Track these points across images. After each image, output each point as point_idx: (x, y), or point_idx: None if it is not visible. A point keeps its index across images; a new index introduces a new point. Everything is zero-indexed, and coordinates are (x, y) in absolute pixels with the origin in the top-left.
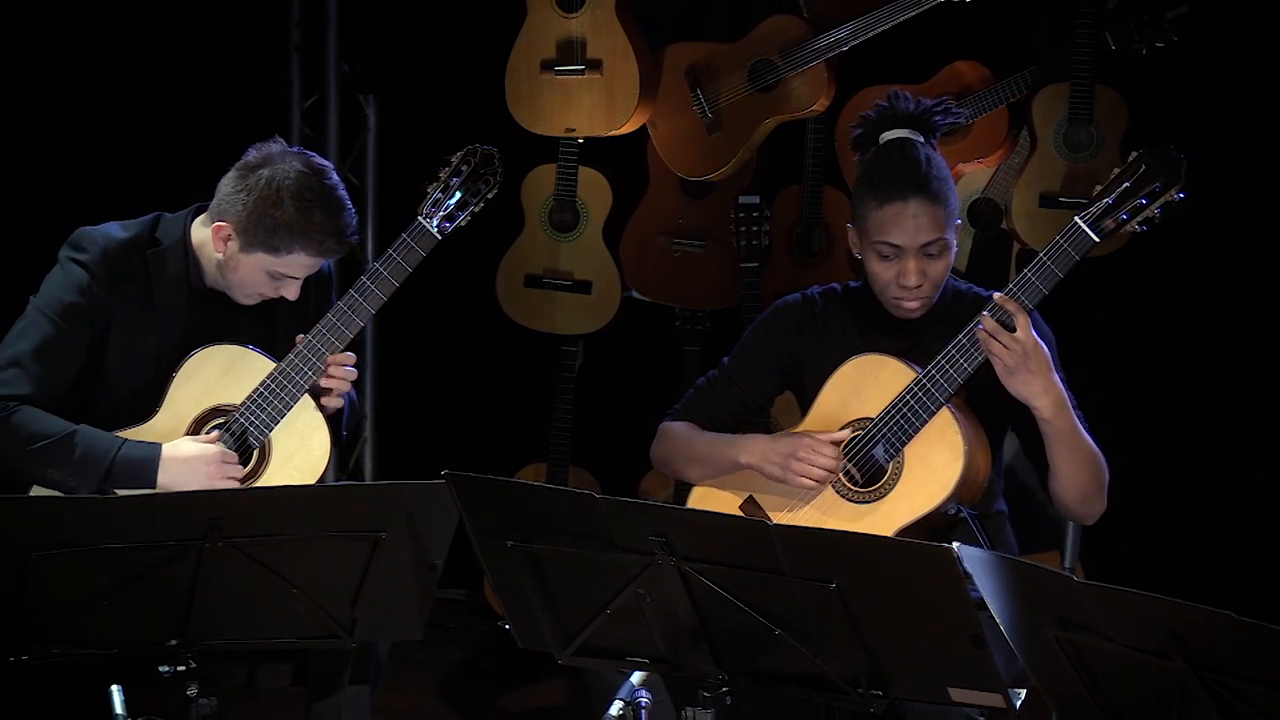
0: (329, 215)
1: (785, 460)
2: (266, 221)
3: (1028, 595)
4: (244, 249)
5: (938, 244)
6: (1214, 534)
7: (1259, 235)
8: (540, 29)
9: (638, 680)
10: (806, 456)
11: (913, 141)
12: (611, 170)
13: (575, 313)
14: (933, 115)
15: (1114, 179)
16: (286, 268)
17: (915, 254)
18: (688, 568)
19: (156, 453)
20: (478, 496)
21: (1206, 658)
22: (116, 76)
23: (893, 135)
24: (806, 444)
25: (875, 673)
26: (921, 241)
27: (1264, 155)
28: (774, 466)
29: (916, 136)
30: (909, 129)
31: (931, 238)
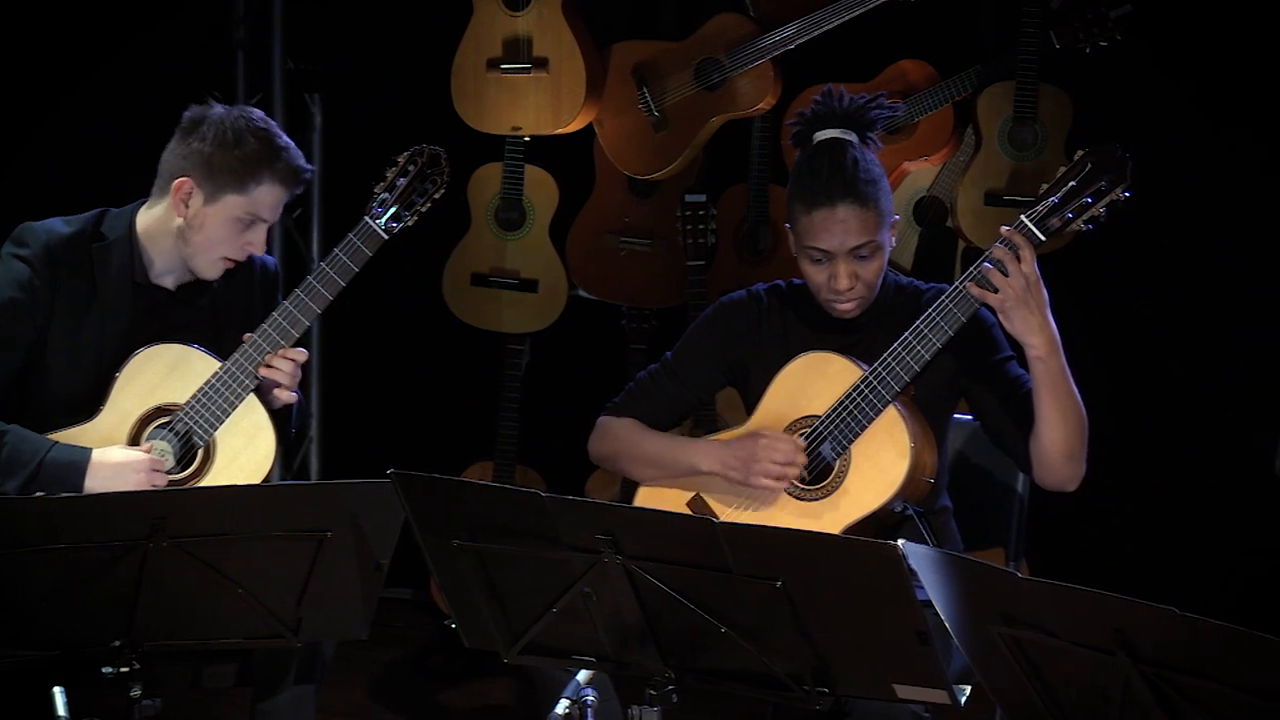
0: (287, 145)
1: (746, 464)
2: (232, 160)
3: (972, 592)
4: (210, 198)
5: (868, 246)
6: (1158, 530)
7: (1204, 233)
8: (486, 27)
9: (584, 679)
10: (766, 456)
11: (842, 143)
12: (558, 169)
13: (522, 311)
14: (868, 112)
15: (1060, 178)
16: (257, 206)
17: (845, 258)
18: (634, 566)
19: (85, 457)
20: (423, 495)
21: (1149, 653)
22: (61, 76)
23: (825, 135)
24: (763, 444)
25: (821, 670)
26: (850, 245)
27: (1209, 153)
28: (735, 473)
29: (849, 136)
30: (844, 127)
31: (860, 241)
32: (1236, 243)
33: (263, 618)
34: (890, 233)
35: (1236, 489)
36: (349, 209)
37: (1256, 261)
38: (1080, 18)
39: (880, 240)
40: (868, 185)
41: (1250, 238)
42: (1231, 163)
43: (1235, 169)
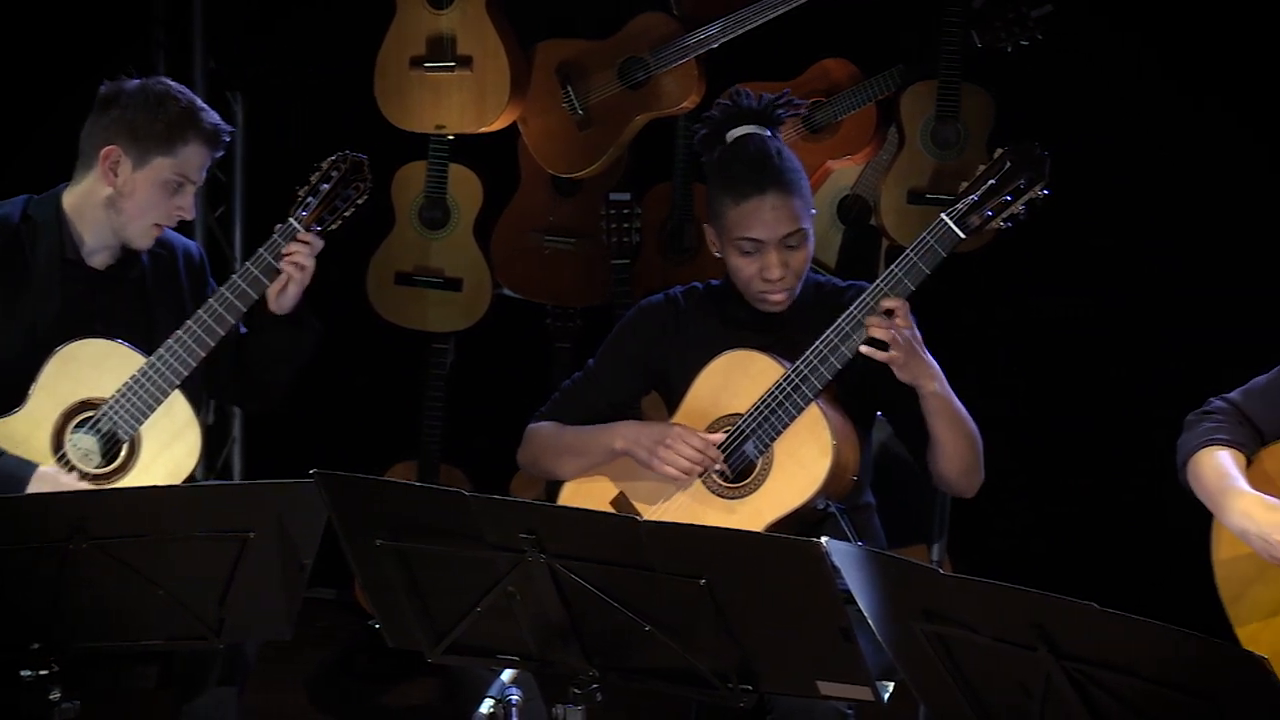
0: (206, 108)
1: (654, 446)
2: (158, 123)
3: (895, 588)
4: (138, 163)
5: (797, 235)
6: (1080, 527)
7: (1124, 232)
8: (410, 25)
9: (508, 678)
10: (674, 445)
11: (761, 136)
12: (482, 167)
13: (446, 310)
14: (775, 108)
15: (979, 176)
16: (185, 167)
17: (776, 246)
18: (558, 565)
19: (29, 473)
20: (346, 495)
21: (1070, 648)
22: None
23: (740, 132)
24: (677, 433)
25: (744, 667)
26: (782, 233)
27: (1129, 151)
28: (643, 450)
29: (763, 131)
30: (754, 124)
31: (791, 229)
32: (1158, 241)
33: (185, 619)
34: (812, 225)
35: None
36: (272, 207)
37: (1179, 260)
38: (1001, 17)
39: (807, 229)
40: (794, 174)
41: (1171, 236)
42: (1151, 161)
43: (1155, 167)
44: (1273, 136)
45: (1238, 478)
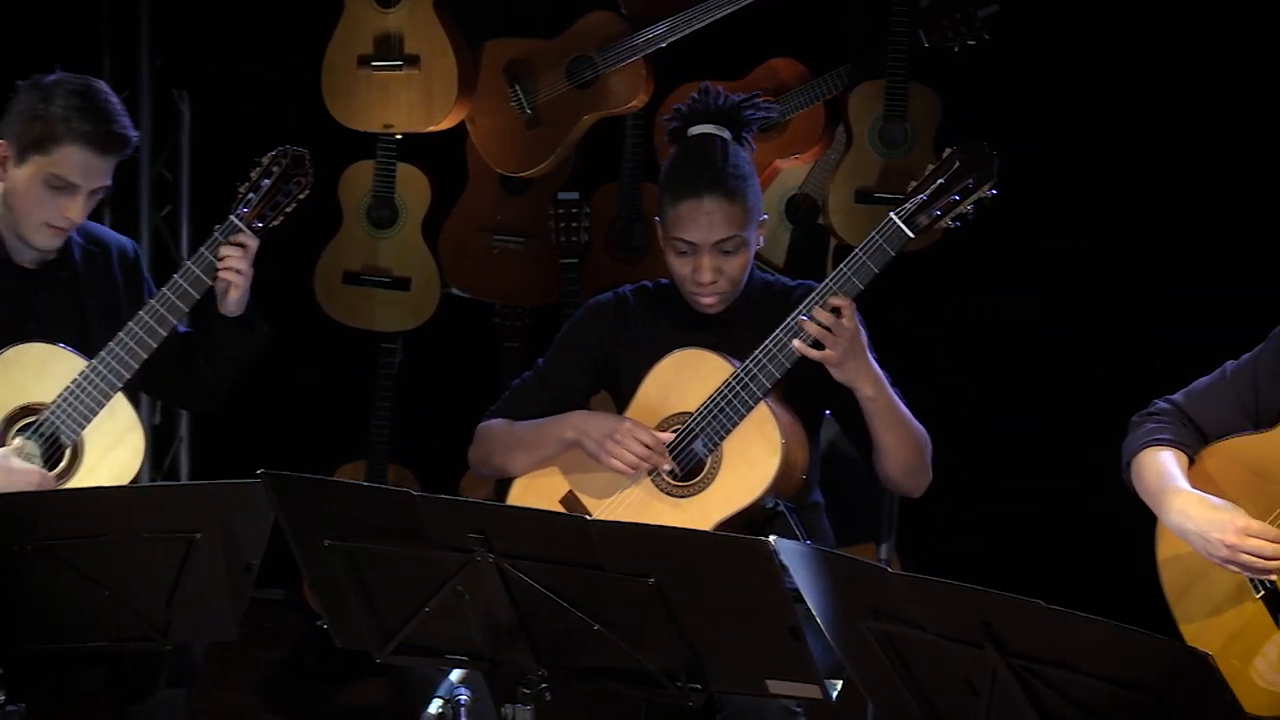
0: (97, 105)
1: (603, 439)
2: (37, 121)
3: (843, 587)
4: (17, 160)
5: (733, 241)
6: (1027, 525)
7: (1069, 232)
8: (357, 24)
9: (457, 678)
10: (623, 440)
11: (715, 138)
12: (430, 167)
13: (394, 310)
14: (742, 111)
15: (928, 175)
16: (60, 168)
17: (710, 250)
18: (506, 565)
19: None
20: (293, 495)
21: (1016, 646)
22: None
23: (698, 130)
24: (626, 428)
25: (693, 666)
26: (715, 238)
27: (1075, 150)
28: (592, 442)
29: (723, 132)
30: (718, 124)
31: (726, 235)
32: (1102, 241)
33: (131, 620)
34: (758, 231)
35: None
36: (219, 206)
37: (1122, 261)
38: (949, 17)
39: (746, 236)
40: (736, 180)
41: (1117, 236)
42: (1099, 161)
43: (1102, 167)
44: (1222, 136)
45: (1178, 477)
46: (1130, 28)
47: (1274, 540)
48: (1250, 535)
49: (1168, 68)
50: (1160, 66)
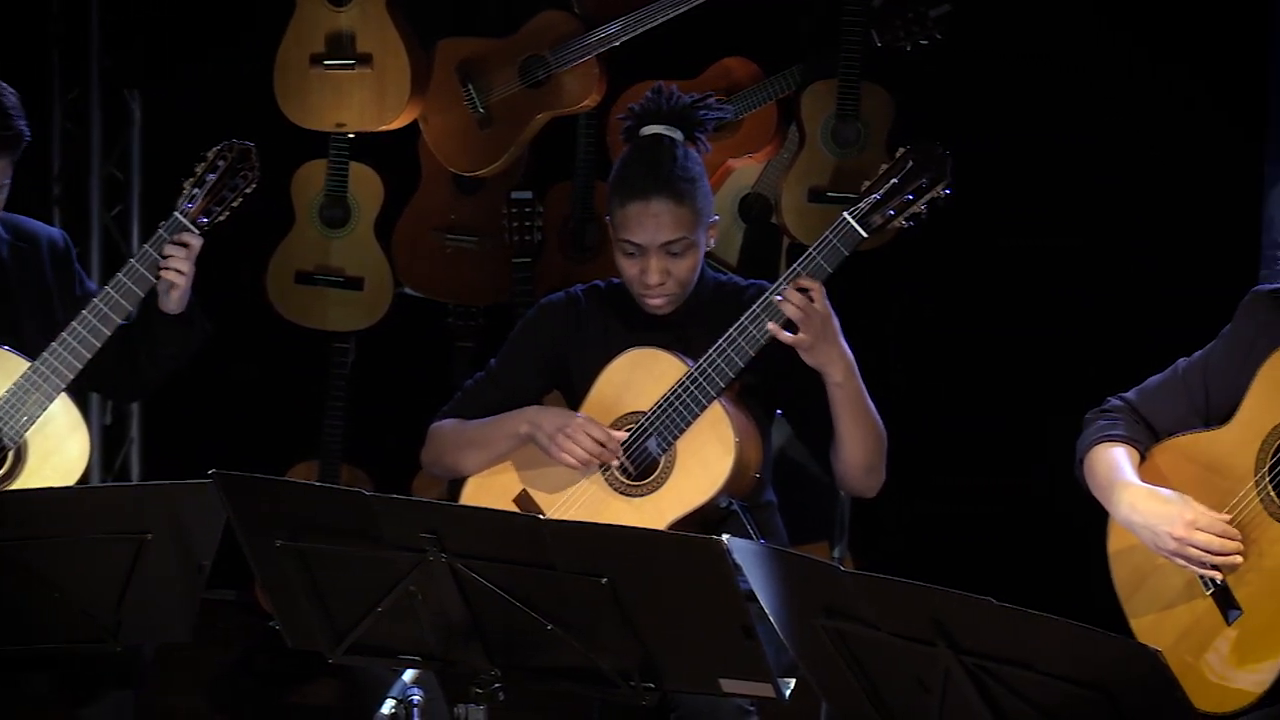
0: None
1: (554, 433)
2: None
3: (796, 586)
4: None
5: (680, 243)
6: (980, 522)
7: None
8: (309, 22)
9: (410, 678)
10: (574, 434)
11: (665, 139)
12: (382, 166)
13: (347, 309)
14: (696, 111)
15: (882, 175)
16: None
17: (657, 252)
18: (459, 565)
19: None
20: (245, 495)
21: (968, 643)
22: None
23: (650, 131)
24: (578, 423)
25: (647, 665)
26: (662, 240)
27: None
28: (544, 436)
29: (674, 133)
30: (670, 124)
31: (673, 237)
32: (1055, 241)
33: (81, 622)
34: (708, 233)
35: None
36: (170, 205)
37: (1075, 260)
38: (901, 17)
39: (695, 239)
40: (684, 183)
41: (1069, 237)
42: (1050, 161)
43: (1054, 167)
44: (1174, 134)
45: (1128, 471)
46: (1083, 26)
47: (1221, 534)
48: (1198, 528)
49: (1121, 66)
50: (1114, 64)
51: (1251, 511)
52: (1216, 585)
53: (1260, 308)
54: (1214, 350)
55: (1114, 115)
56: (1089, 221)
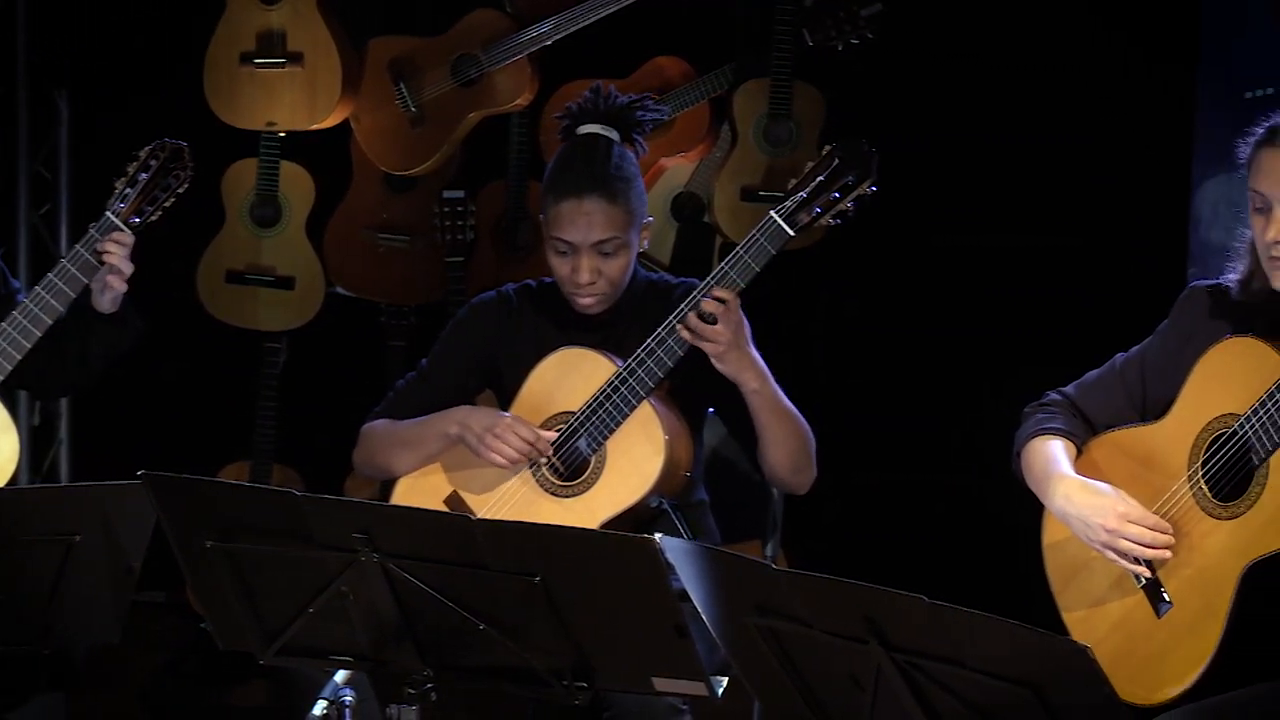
0: None
1: (483, 433)
2: None
3: (728, 584)
4: None
5: (612, 243)
6: (912, 520)
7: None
8: (239, 21)
9: (342, 679)
10: (503, 434)
11: (599, 138)
12: (314, 165)
13: (278, 309)
14: (633, 113)
15: (808, 173)
16: None
17: (588, 251)
18: (391, 565)
19: None
20: (175, 496)
21: (900, 640)
22: None
23: (587, 130)
24: (507, 422)
25: (579, 664)
26: (594, 239)
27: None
28: (473, 436)
29: (611, 133)
30: (607, 124)
31: (605, 236)
32: (984, 239)
33: (9, 624)
34: (641, 234)
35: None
36: (99, 206)
37: (1004, 258)
38: (832, 16)
39: (627, 239)
40: (618, 182)
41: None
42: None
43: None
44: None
45: (1063, 464)
46: (1013, 26)
47: (1153, 527)
48: (1130, 521)
49: (1051, 66)
50: (1043, 64)
51: (1184, 506)
52: (1148, 579)
53: (1197, 303)
54: (1151, 345)
55: (1044, 114)
56: (1021, 220)
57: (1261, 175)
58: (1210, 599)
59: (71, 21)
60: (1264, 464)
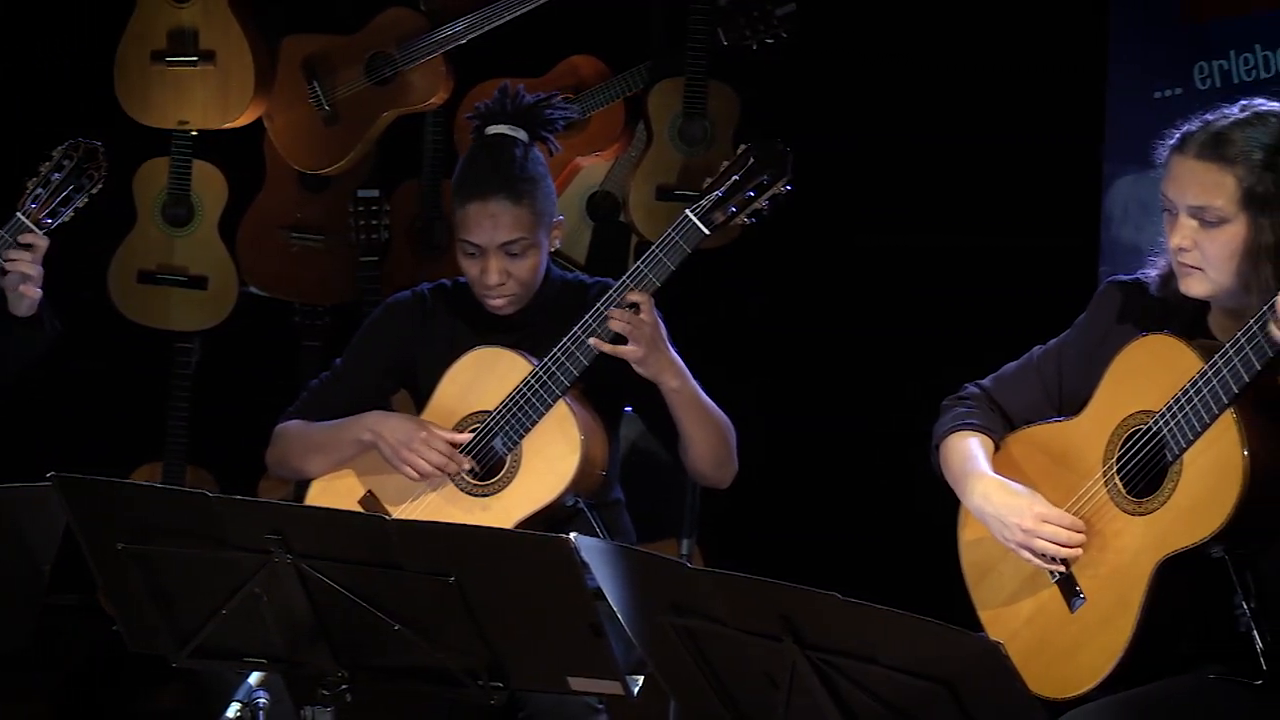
0: None
1: (398, 447)
2: None
3: (643, 583)
4: None
5: (520, 243)
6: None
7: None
8: (150, 19)
9: (255, 681)
10: (419, 449)
11: (505, 139)
12: (227, 164)
13: (191, 309)
14: (541, 111)
15: (723, 172)
16: None
17: (496, 253)
18: (305, 565)
19: None
20: (85, 498)
21: (814, 638)
22: None
23: (495, 130)
24: (423, 437)
25: (495, 664)
26: (500, 240)
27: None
28: (387, 448)
29: (518, 133)
30: (515, 124)
31: (511, 237)
32: (901, 238)
33: None
34: (551, 234)
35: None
36: (7, 206)
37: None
38: (746, 15)
39: (535, 239)
40: (524, 183)
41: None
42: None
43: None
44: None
45: (981, 461)
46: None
47: (1069, 527)
48: (1046, 521)
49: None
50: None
51: (1098, 502)
52: (1061, 574)
53: (1114, 299)
54: (1068, 339)
55: (960, 114)
56: (937, 218)
57: (1170, 180)
58: (1123, 594)
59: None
60: (1177, 461)
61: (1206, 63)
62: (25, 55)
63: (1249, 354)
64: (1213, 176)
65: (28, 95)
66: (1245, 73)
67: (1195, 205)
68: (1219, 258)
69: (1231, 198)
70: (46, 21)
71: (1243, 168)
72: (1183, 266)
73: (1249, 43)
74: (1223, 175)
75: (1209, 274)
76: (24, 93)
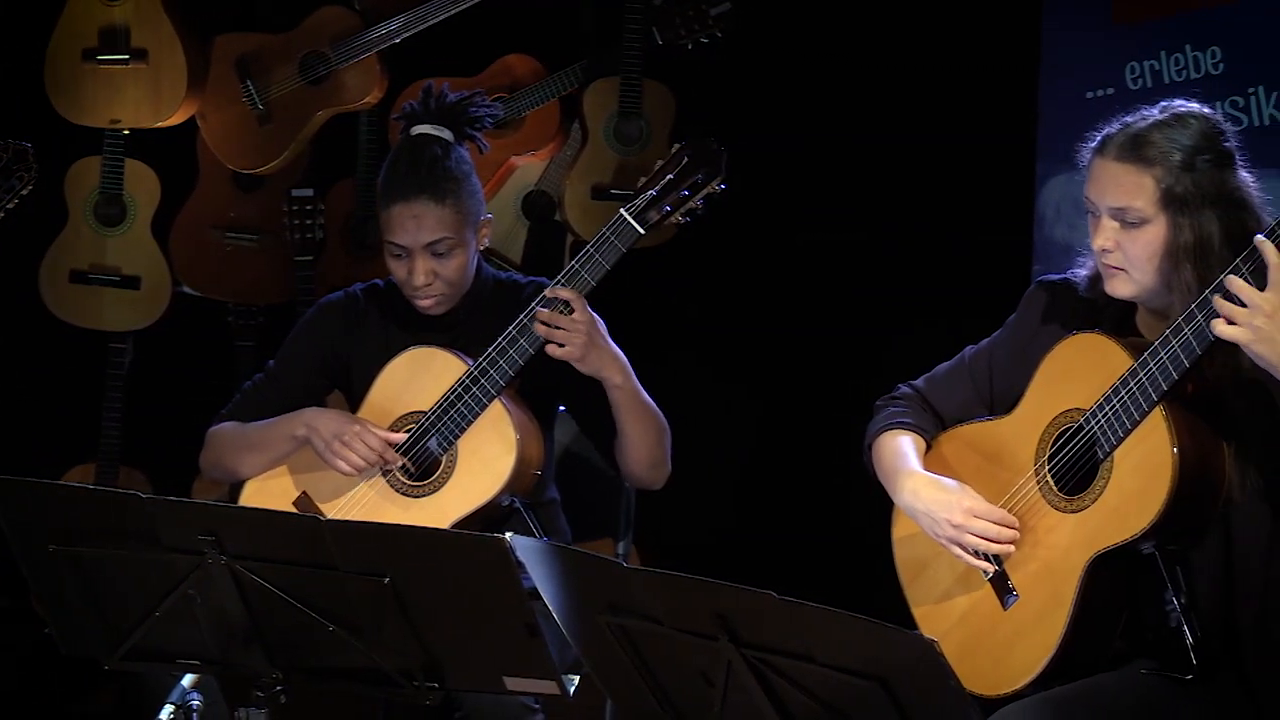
0: None
1: (331, 440)
2: None
3: (579, 582)
4: None
5: (445, 243)
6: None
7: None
8: (81, 16)
9: (189, 682)
10: (351, 443)
11: (427, 139)
12: (160, 163)
13: (123, 309)
14: (465, 110)
15: (658, 171)
16: None
17: (421, 253)
18: (239, 567)
19: None
20: (15, 499)
21: (750, 636)
22: None
23: (420, 131)
24: (355, 430)
25: (430, 665)
26: (425, 241)
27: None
28: (320, 441)
29: (442, 133)
30: (438, 124)
31: (435, 237)
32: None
33: None
34: (478, 232)
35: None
36: None
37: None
38: (682, 14)
39: (461, 238)
40: (447, 182)
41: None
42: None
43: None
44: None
45: (911, 458)
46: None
47: (999, 522)
48: (976, 516)
49: (901, 65)
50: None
51: (1030, 499)
52: (995, 571)
53: (1044, 298)
54: (998, 339)
55: (895, 114)
56: (874, 217)
57: (1091, 182)
58: (1056, 591)
59: None
60: (1108, 458)
61: (1138, 63)
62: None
63: (1178, 351)
64: (1132, 178)
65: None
66: (1176, 73)
67: (1116, 207)
68: (1140, 258)
69: (1151, 199)
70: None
71: (1161, 169)
72: (1107, 268)
73: (1180, 43)
74: (1142, 176)
75: (1132, 275)
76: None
